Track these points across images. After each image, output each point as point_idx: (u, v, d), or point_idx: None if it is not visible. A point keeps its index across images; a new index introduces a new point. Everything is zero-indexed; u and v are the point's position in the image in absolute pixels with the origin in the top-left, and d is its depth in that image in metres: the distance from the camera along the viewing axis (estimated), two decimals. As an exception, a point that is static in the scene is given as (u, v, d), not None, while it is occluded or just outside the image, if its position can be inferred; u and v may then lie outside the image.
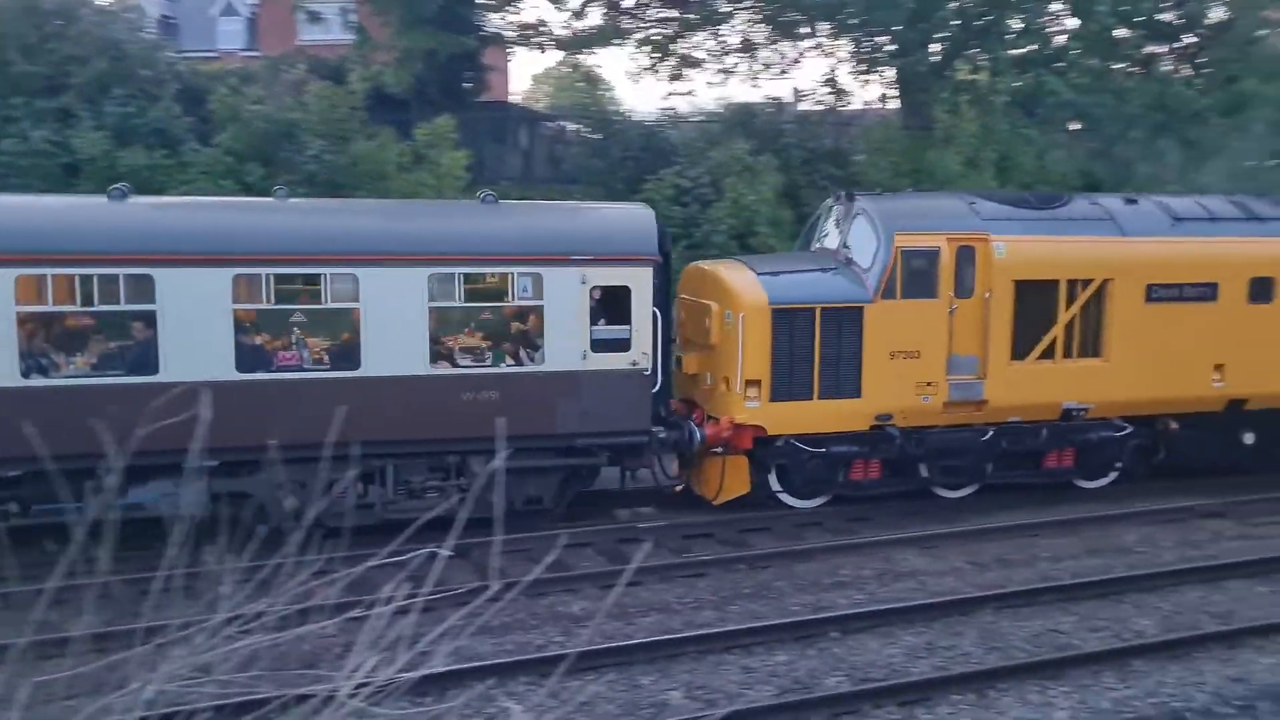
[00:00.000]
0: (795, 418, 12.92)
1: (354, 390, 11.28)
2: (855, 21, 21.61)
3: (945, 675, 8.78)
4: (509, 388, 11.89)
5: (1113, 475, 14.61)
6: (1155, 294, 13.90)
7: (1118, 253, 13.78)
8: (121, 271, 10.77)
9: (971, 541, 12.70)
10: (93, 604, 3.54)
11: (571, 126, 26.89)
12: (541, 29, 24.00)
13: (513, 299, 12.01)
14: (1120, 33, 22.36)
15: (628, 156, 21.61)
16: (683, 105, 24.48)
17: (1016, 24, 21.40)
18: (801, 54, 24.49)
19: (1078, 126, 23.59)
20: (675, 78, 24.22)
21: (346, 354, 11.49)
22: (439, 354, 11.77)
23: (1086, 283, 13.66)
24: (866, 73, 23.30)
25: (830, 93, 23.86)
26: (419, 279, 11.58)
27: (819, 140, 22.50)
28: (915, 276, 13.03)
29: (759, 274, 13.06)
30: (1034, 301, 13.49)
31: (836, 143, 23.46)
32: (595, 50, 24.74)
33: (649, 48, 23.85)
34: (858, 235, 13.32)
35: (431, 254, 11.72)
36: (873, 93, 24.38)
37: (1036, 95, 21.32)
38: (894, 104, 24.55)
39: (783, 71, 24.73)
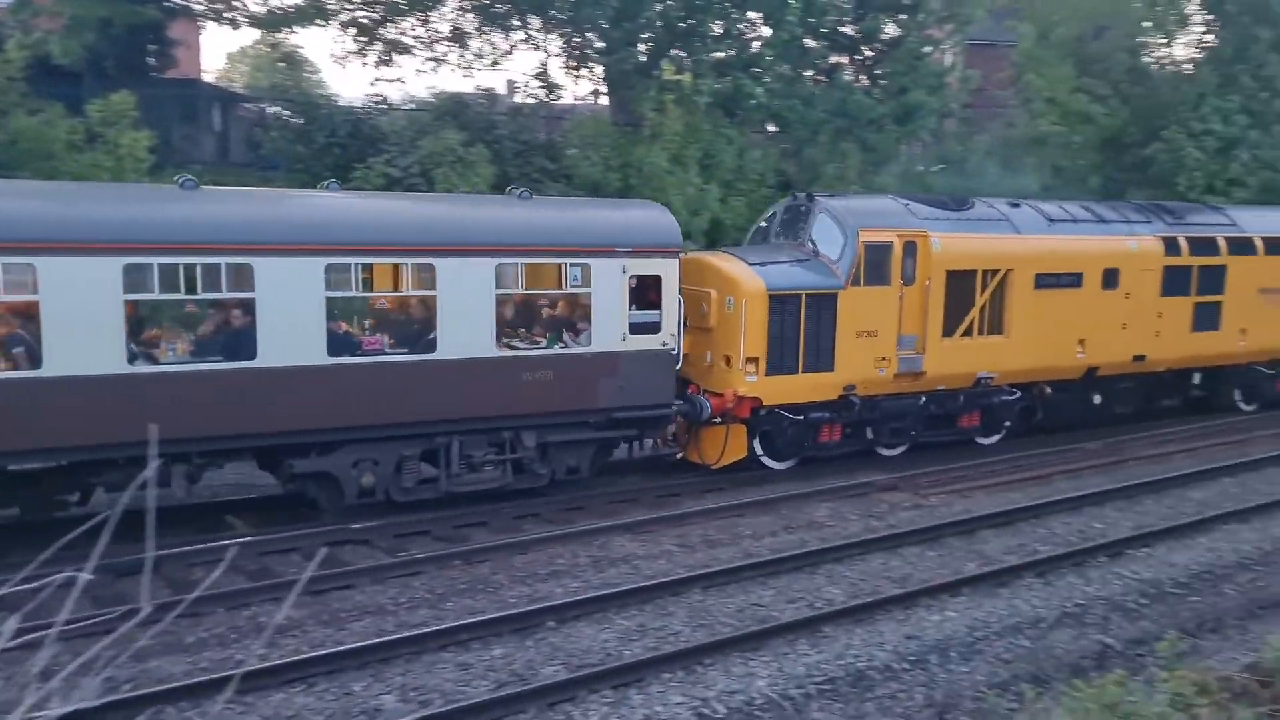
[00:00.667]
0: (783, 389, 14.80)
1: (430, 372, 12.31)
2: (564, 17, 21.84)
3: (656, 655, 9.05)
4: (561, 367, 13.18)
5: (1003, 432, 17.52)
6: (1041, 281, 16.84)
7: (1016, 247, 16.62)
8: (224, 260, 11.11)
9: (681, 524, 13.20)
10: None
11: (271, 109, 25.39)
12: (235, 4, 22.49)
13: (565, 287, 13.22)
14: (809, 42, 23.98)
15: (333, 143, 20.70)
16: (392, 92, 23.73)
17: (716, 29, 22.40)
18: (513, 46, 24.45)
19: (773, 128, 25.11)
20: (383, 63, 23.46)
21: (424, 338, 12.35)
22: (503, 337, 12.80)
23: (995, 272, 16.33)
24: (577, 68, 23.63)
25: (542, 86, 23.96)
26: (488, 268, 12.51)
27: (532, 133, 22.55)
28: (874, 267, 15.17)
29: (751, 264, 14.70)
30: (959, 288, 15.98)
31: (549, 136, 23.63)
32: (296, 30, 23.44)
33: (355, 30, 22.96)
34: (822, 231, 15.27)
35: (499, 245, 12.66)
36: (584, 88, 24.79)
37: (735, 97, 22.40)
38: (605, 100, 25.05)
39: (495, 63, 24.58)
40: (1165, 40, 30.21)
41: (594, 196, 20.78)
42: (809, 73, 24.61)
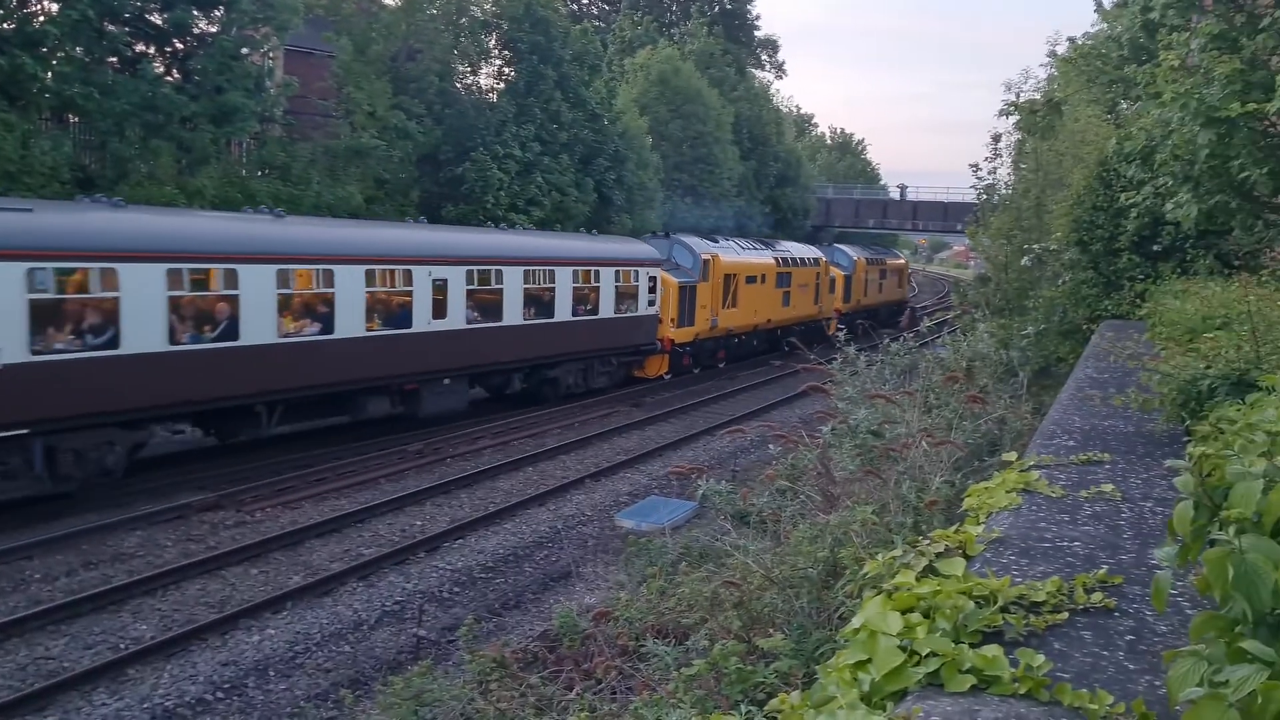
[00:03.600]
0: (680, 335, 27.79)
1: (596, 325, 24.33)
2: None
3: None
4: (628, 323, 25.60)
5: (723, 363, 32.00)
6: (747, 279, 31.48)
7: (739, 261, 31.34)
8: (556, 269, 23.03)
9: (-54, 578, 11.03)
10: None
11: None
12: None
13: (631, 282, 25.61)
14: (108, 26, 21.74)
15: None
16: None
17: (-12, -5, 19.20)
18: None
19: (74, 119, 22.30)
20: None
21: (591, 307, 24.13)
22: (614, 308, 25.12)
23: (734, 275, 30.47)
24: None
25: None
26: (612, 273, 24.87)
27: None
28: (705, 272, 28.69)
29: (667, 270, 27.32)
30: (726, 283, 29.89)
31: None
32: None
33: None
34: (680, 253, 28.77)
35: (616, 260, 25.24)
36: None
37: (16, 78, 19.43)
38: None
39: None
40: (471, 69, 33.04)
41: None
42: (112, 59, 22.33)
